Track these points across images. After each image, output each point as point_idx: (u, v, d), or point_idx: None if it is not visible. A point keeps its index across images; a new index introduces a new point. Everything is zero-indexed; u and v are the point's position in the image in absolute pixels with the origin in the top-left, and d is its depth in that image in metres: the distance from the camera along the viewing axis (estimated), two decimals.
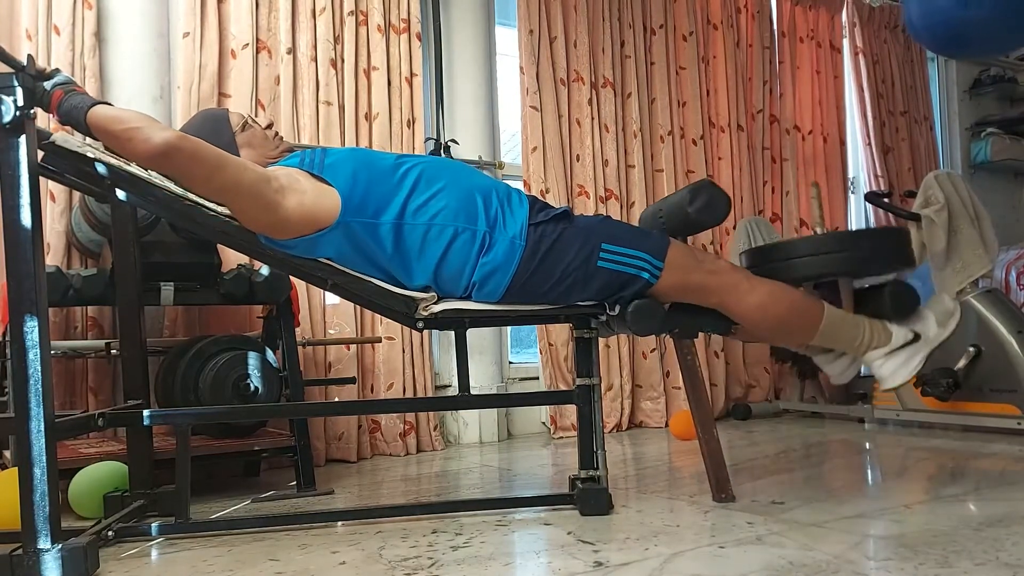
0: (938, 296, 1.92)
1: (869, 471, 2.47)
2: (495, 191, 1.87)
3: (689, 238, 2.08)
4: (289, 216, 1.71)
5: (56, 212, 2.55)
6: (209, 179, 1.65)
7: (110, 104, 1.67)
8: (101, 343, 2.39)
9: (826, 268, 1.96)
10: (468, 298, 1.86)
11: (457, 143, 3.44)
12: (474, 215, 1.81)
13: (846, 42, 4.74)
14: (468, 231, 1.80)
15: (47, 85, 1.60)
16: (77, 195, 2.46)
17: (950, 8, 1.62)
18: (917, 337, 1.85)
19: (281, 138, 1.93)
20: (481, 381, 3.37)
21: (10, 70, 1.49)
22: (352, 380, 2.78)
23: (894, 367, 1.85)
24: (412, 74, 3.26)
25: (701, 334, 3.66)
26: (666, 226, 2.21)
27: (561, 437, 3.42)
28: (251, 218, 1.72)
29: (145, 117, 1.64)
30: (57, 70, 1.64)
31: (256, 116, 2.93)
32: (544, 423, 3.59)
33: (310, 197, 1.73)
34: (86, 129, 1.61)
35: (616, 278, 1.83)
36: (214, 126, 1.85)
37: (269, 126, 1.93)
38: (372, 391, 3.10)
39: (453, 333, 1.99)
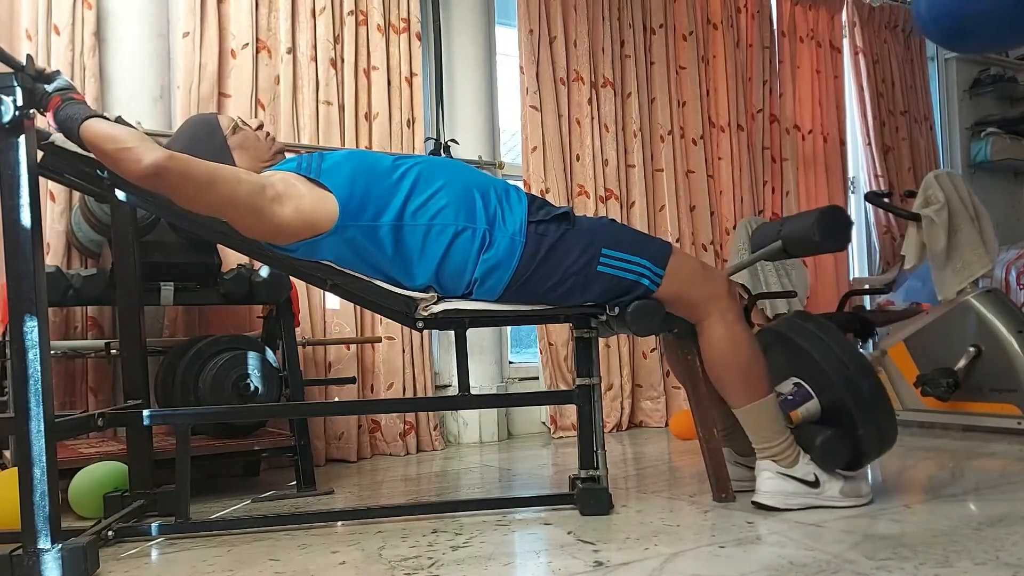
0: (860, 476, 1.88)
1: (869, 471, 2.46)
2: (493, 188, 1.87)
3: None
4: (287, 224, 1.70)
5: (56, 212, 2.55)
6: (200, 196, 1.63)
7: (105, 117, 1.64)
8: (101, 343, 2.39)
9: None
10: (469, 295, 1.85)
11: (457, 143, 3.44)
12: (473, 213, 1.81)
13: (846, 42, 4.74)
14: (468, 229, 1.79)
15: (47, 89, 1.59)
16: (77, 195, 2.46)
17: (958, 0, 1.62)
18: (816, 484, 1.82)
19: (273, 139, 1.92)
20: (481, 381, 3.37)
21: (10, 70, 1.49)
22: (352, 380, 2.78)
23: (775, 488, 1.79)
24: (412, 74, 3.26)
25: None
26: (783, 244, 2.20)
27: (561, 437, 3.42)
28: (249, 228, 1.71)
29: (137, 136, 1.60)
30: (58, 72, 1.63)
31: (256, 116, 2.93)
32: (544, 423, 3.59)
33: (307, 203, 1.72)
34: (79, 141, 1.60)
35: (616, 283, 1.83)
36: (206, 130, 1.84)
37: (260, 127, 1.91)
38: (372, 391, 3.10)
39: (453, 333, 1.99)
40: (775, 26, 4.40)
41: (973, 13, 1.58)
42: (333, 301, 2.99)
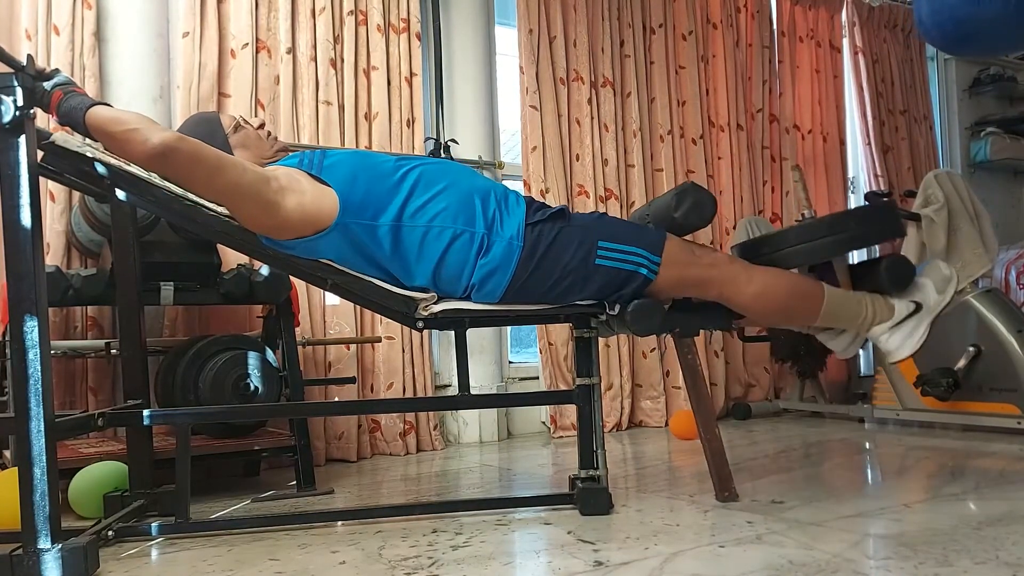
0: (933, 263, 1.94)
1: (869, 470, 2.47)
2: (493, 193, 1.88)
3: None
4: (289, 217, 1.71)
5: (56, 212, 2.55)
6: (209, 180, 1.65)
7: (109, 105, 1.66)
8: (101, 343, 2.39)
9: (818, 254, 1.97)
10: (467, 299, 1.86)
11: (457, 143, 3.44)
12: (472, 217, 1.81)
13: (846, 41, 4.74)
14: (466, 233, 1.80)
15: (47, 85, 1.60)
16: (77, 195, 2.46)
17: (960, 6, 1.62)
18: (919, 307, 1.88)
19: (275, 138, 1.93)
20: (481, 381, 3.37)
21: (10, 70, 1.49)
22: (352, 380, 2.78)
23: (900, 340, 1.88)
24: (412, 74, 3.26)
25: (701, 333, 3.66)
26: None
27: (561, 436, 3.42)
28: (251, 219, 1.72)
29: (144, 118, 1.63)
30: (57, 70, 1.64)
31: (255, 116, 2.93)
32: (544, 423, 3.59)
33: (310, 198, 1.73)
34: (85, 130, 1.61)
35: (615, 275, 1.83)
36: (207, 128, 1.85)
37: (261, 126, 1.92)
38: (372, 391, 3.10)
39: (453, 333, 1.99)
40: (775, 26, 4.40)
41: (975, 19, 1.58)
42: (333, 297, 2.99)
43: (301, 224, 1.73)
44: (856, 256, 2.41)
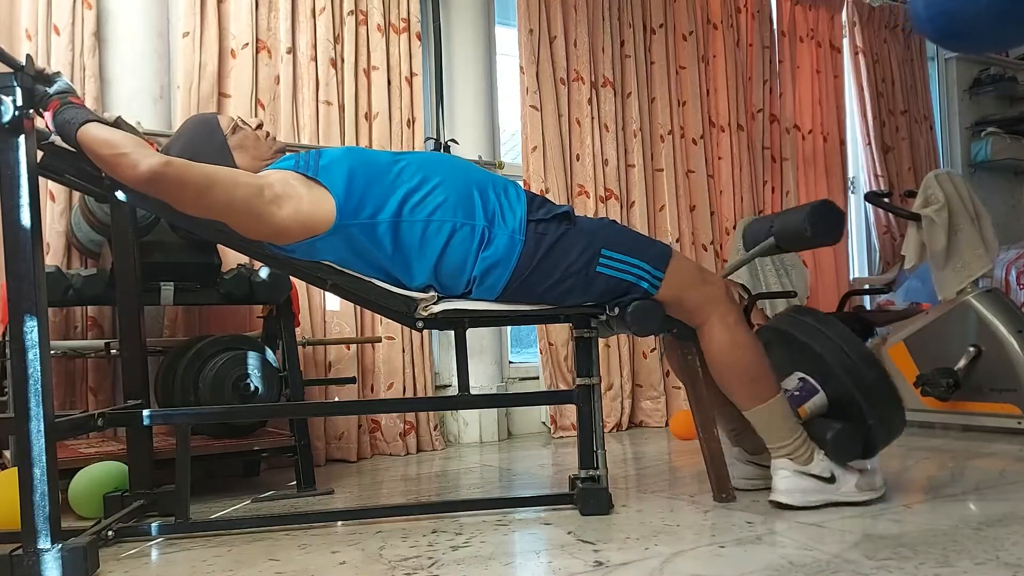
0: (873, 470, 1.88)
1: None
2: (492, 184, 1.87)
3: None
4: (286, 225, 1.71)
5: (56, 212, 2.55)
6: (198, 200, 1.64)
7: (102, 122, 1.64)
8: (101, 343, 2.38)
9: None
10: (468, 293, 1.85)
11: (457, 143, 3.44)
12: (472, 210, 1.80)
13: (846, 41, 4.74)
14: (467, 226, 1.79)
15: (48, 91, 1.59)
16: (77, 195, 2.46)
17: (953, 0, 1.62)
18: (832, 480, 1.82)
19: (274, 138, 1.93)
20: (481, 381, 3.37)
21: (10, 70, 1.49)
22: (352, 380, 2.78)
23: (792, 487, 1.79)
24: (412, 74, 3.26)
25: None
26: (776, 240, 2.20)
27: (561, 437, 3.42)
28: (247, 230, 1.72)
29: (134, 141, 1.61)
30: (59, 73, 1.63)
31: (256, 116, 2.93)
32: (544, 423, 3.59)
33: (306, 203, 1.72)
34: (76, 145, 1.60)
35: (615, 285, 1.83)
36: (206, 130, 1.84)
37: (259, 127, 1.91)
38: (372, 391, 3.10)
39: (453, 333, 1.99)
40: (775, 26, 4.40)
41: (968, 13, 1.58)
42: (333, 302, 2.99)
43: (298, 230, 1.72)
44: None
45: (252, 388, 2.28)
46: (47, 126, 1.63)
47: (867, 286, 4.29)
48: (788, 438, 1.82)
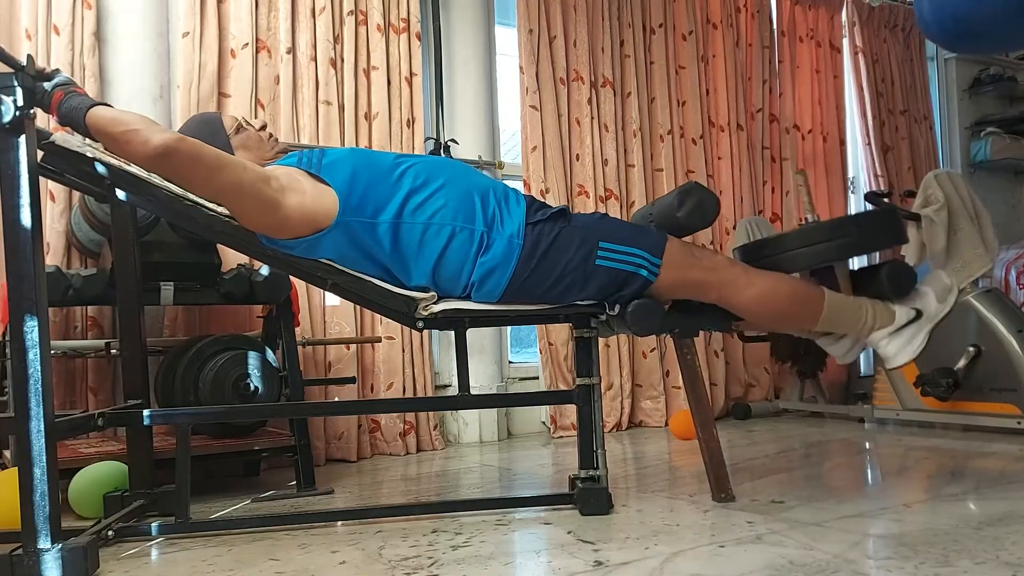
0: (935, 273, 1.94)
1: (869, 470, 2.47)
2: (492, 191, 1.88)
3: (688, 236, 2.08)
4: (289, 216, 1.71)
5: (56, 212, 2.55)
6: (209, 180, 1.65)
7: (110, 105, 1.67)
8: (101, 343, 2.39)
9: (819, 258, 1.98)
10: (467, 298, 1.86)
11: (457, 143, 3.44)
12: (472, 214, 1.81)
13: (846, 41, 4.74)
14: (466, 230, 1.80)
15: (47, 86, 1.59)
16: (77, 195, 2.46)
17: (961, 3, 1.62)
18: (919, 314, 1.87)
19: (276, 139, 1.93)
20: (481, 381, 3.37)
21: (10, 70, 1.49)
22: (352, 380, 2.78)
23: (899, 346, 1.87)
24: (412, 74, 3.26)
25: (701, 333, 3.66)
26: (655, 226, 2.20)
27: (561, 436, 3.42)
28: (251, 218, 1.72)
29: (144, 119, 1.63)
30: (57, 70, 1.64)
31: (256, 116, 2.93)
32: (544, 423, 3.59)
33: (309, 197, 1.73)
34: (85, 130, 1.61)
35: (615, 276, 1.83)
36: (209, 129, 1.85)
37: (263, 127, 1.92)
38: (372, 391, 3.10)
39: (453, 333, 1.99)
40: (775, 26, 4.40)
41: (976, 15, 1.58)
42: (333, 298, 2.99)
43: (301, 223, 1.73)
44: (858, 261, 2.41)
45: (252, 388, 2.28)
46: (51, 123, 1.63)
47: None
48: (863, 316, 1.89)
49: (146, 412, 1.86)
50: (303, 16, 3.05)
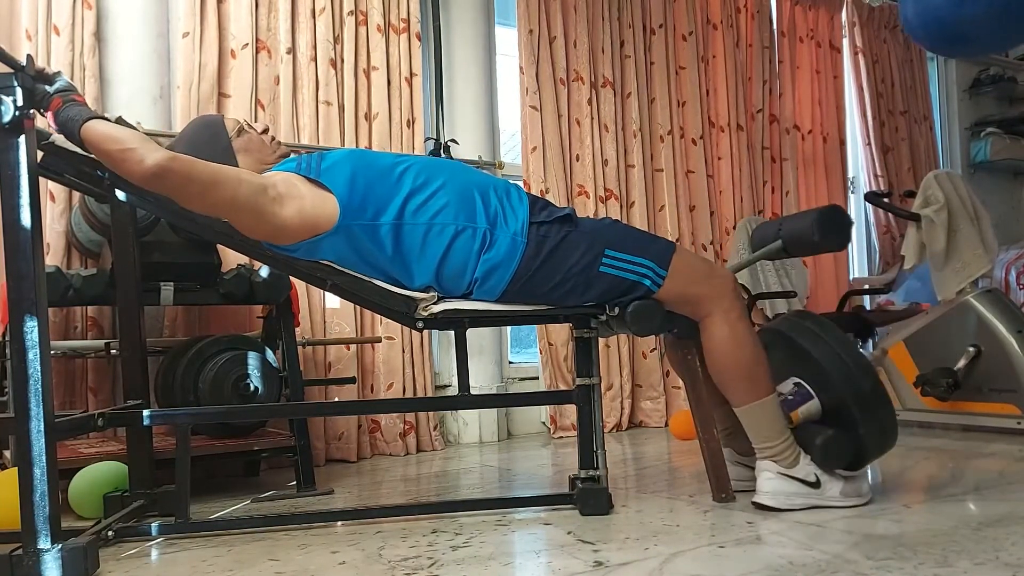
0: (860, 476, 1.88)
1: (869, 470, 2.46)
2: (493, 188, 1.87)
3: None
4: (288, 224, 1.71)
5: (56, 212, 2.55)
6: (203, 196, 1.64)
7: (106, 119, 1.65)
8: (101, 343, 2.39)
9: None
10: (469, 295, 1.86)
11: (457, 143, 3.44)
12: (473, 212, 1.81)
13: (846, 42, 4.74)
14: (468, 229, 1.80)
15: (49, 90, 1.59)
16: (77, 195, 2.46)
17: (945, 6, 1.61)
18: (817, 484, 1.81)
19: (278, 143, 1.92)
20: (481, 381, 3.37)
21: (10, 70, 1.49)
22: (352, 380, 2.78)
23: (775, 488, 1.79)
24: (412, 74, 3.26)
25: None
26: (783, 244, 2.18)
27: (561, 437, 3.42)
28: (249, 229, 1.72)
29: (139, 137, 1.61)
30: (59, 73, 1.63)
31: (256, 116, 2.93)
32: (544, 423, 3.59)
33: (309, 203, 1.72)
34: (79, 141, 1.60)
35: (618, 284, 1.83)
36: (210, 132, 1.85)
37: (265, 131, 1.91)
38: (372, 391, 3.10)
39: (453, 333, 1.99)
40: (775, 26, 4.40)
41: (959, 20, 1.58)
42: (333, 300, 2.99)
43: (301, 230, 1.72)
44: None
45: (252, 388, 2.28)
46: (49, 125, 1.63)
47: (867, 286, 4.29)
48: (775, 440, 1.82)
49: (146, 412, 1.86)
50: (303, 16, 3.05)
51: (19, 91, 1.46)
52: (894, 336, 3.28)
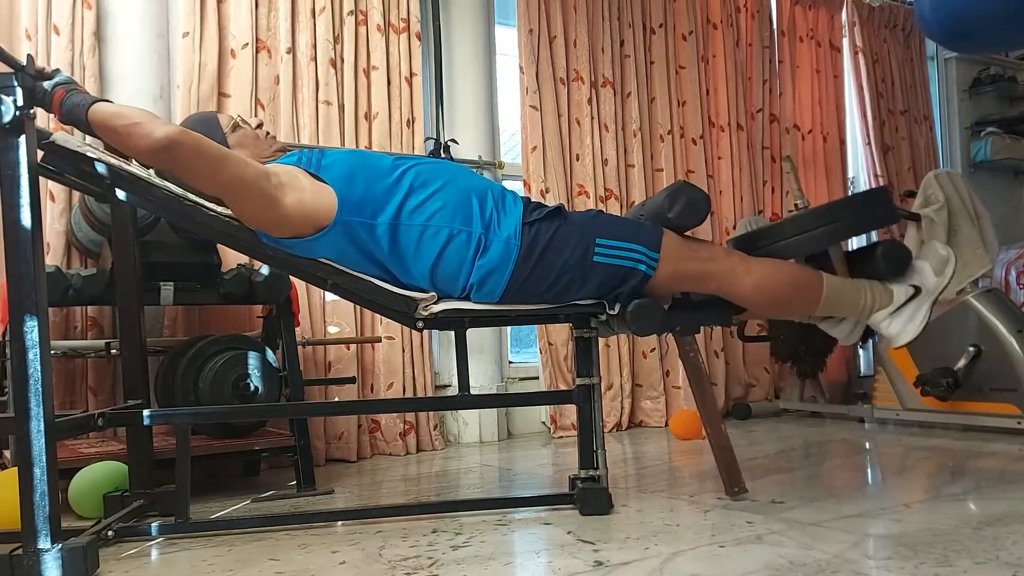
0: (929, 245, 1.92)
1: (869, 470, 2.47)
2: (491, 192, 1.88)
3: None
4: (289, 213, 1.71)
5: (56, 212, 2.55)
6: (211, 173, 1.65)
7: (111, 102, 1.67)
8: (101, 343, 2.39)
9: (814, 243, 1.96)
10: (466, 299, 1.86)
11: (457, 143, 3.44)
12: (469, 217, 1.81)
13: (846, 41, 4.74)
14: (463, 232, 1.80)
15: (48, 85, 1.59)
16: (77, 195, 2.46)
17: (961, 1, 1.61)
18: (918, 291, 1.87)
19: (274, 138, 1.93)
20: (481, 381, 3.37)
21: (10, 70, 1.49)
22: (352, 380, 2.78)
23: (901, 325, 1.86)
24: (412, 74, 3.26)
25: (702, 332, 3.66)
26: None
27: (561, 437, 3.42)
28: (252, 214, 1.72)
29: (146, 113, 1.64)
30: (58, 70, 1.64)
31: (255, 116, 2.93)
32: (544, 423, 3.59)
33: (309, 195, 1.73)
34: (87, 127, 1.61)
35: (614, 272, 1.83)
36: (205, 128, 1.84)
37: (259, 126, 1.92)
38: (372, 391, 3.10)
39: (453, 333, 1.99)
40: (775, 26, 4.40)
41: (976, 15, 1.57)
42: (333, 298, 2.99)
43: (301, 221, 1.73)
44: (854, 243, 2.40)
45: (252, 388, 2.28)
46: (52, 122, 1.63)
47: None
48: (860, 299, 1.88)
49: (146, 412, 1.86)
50: (303, 16, 3.05)
51: (19, 91, 1.46)
52: None
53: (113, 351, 2.33)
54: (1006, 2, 1.50)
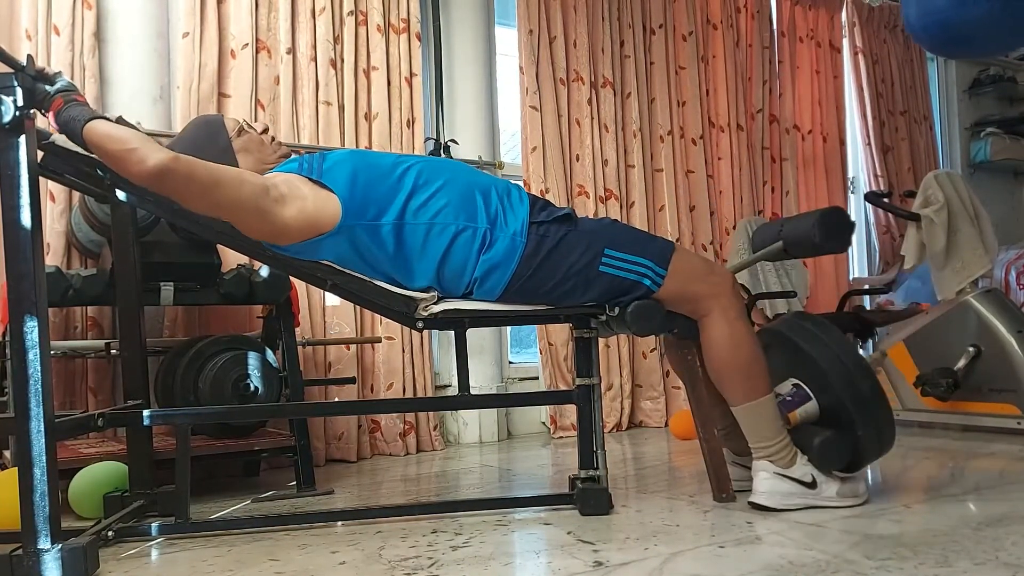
0: (857, 477, 1.87)
1: (868, 471, 2.46)
2: (494, 188, 1.87)
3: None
4: (289, 225, 1.71)
5: (56, 212, 2.55)
6: (205, 197, 1.63)
7: (108, 119, 1.64)
8: (101, 343, 2.39)
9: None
10: (469, 295, 1.86)
11: (457, 143, 3.44)
12: (474, 212, 1.81)
13: (846, 42, 4.74)
14: (469, 229, 1.80)
15: (50, 90, 1.59)
16: (77, 195, 2.46)
17: (947, 8, 1.61)
18: (813, 485, 1.81)
19: (279, 143, 1.92)
20: (481, 381, 3.37)
21: (10, 70, 1.49)
22: (352, 380, 2.78)
23: (771, 488, 1.79)
24: (412, 74, 3.26)
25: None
26: (783, 245, 2.17)
27: (561, 437, 3.42)
28: (251, 229, 1.71)
29: (141, 137, 1.60)
30: (59, 73, 1.63)
31: (256, 116, 2.93)
32: (544, 423, 3.59)
33: (311, 204, 1.72)
34: (81, 142, 1.60)
35: (618, 284, 1.83)
36: (209, 132, 1.84)
37: (265, 131, 1.91)
38: (372, 391, 3.10)
39: (453, 333, 1.99)
40: (775, 26, 4.40)
41: (961, 21, 1.58)
42: (332, 298, 2.99)
43: (303, 230, 1.72)
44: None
45: (252, 388, 2.28)
46: (50, 125, 1.62)
47: (867, 286, 4.29)
48: (772, 439, 1.82)
49: (146, 412, 1.86)
50: (303, 16, 3.05)
51: (19, 91, 1.46)
52: (894, 336, 3.28)
53: (113, 351, 2.33)
54: (989, 9, 1.51)
